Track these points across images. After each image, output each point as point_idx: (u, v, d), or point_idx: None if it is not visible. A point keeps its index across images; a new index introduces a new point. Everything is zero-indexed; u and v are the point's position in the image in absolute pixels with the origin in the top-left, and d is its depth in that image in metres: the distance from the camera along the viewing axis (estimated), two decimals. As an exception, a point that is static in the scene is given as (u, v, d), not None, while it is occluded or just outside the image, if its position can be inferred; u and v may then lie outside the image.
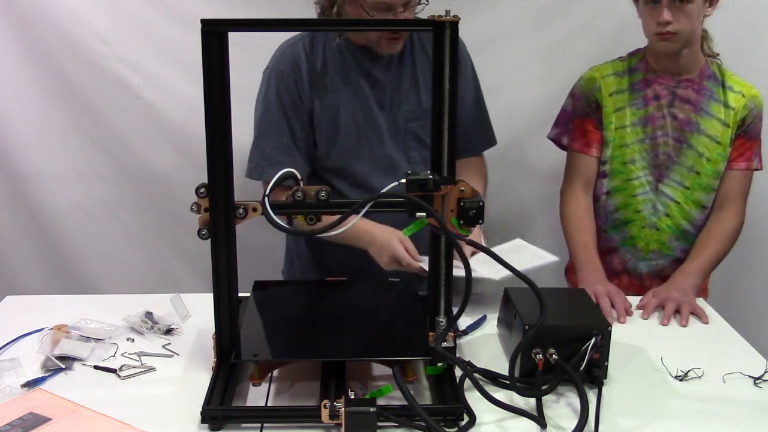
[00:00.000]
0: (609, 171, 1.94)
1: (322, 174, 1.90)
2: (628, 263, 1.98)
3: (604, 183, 1.95)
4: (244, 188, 1.34)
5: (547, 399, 1.28)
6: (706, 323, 1.65)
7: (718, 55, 1.94)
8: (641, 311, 1.69)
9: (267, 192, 1.24)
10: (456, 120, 1.28)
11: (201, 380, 1.33)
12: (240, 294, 1.38)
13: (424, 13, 1.68)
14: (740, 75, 1.94)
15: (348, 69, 1.82)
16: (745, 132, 1.91)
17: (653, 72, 1.90)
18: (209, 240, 1.30)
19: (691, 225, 1.95)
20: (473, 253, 1.70)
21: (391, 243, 1.69)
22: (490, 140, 2.02)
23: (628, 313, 1.66)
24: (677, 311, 1.67)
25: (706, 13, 1.81)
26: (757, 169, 1.94)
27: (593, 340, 1.31)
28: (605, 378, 1.34)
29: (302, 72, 1.80)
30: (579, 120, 1.96)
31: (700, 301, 1.74)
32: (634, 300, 1.73)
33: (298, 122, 1.82)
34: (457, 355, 1.36)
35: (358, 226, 1.75)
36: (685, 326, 1.63)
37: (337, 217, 1.24)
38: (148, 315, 1.57)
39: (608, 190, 1.95)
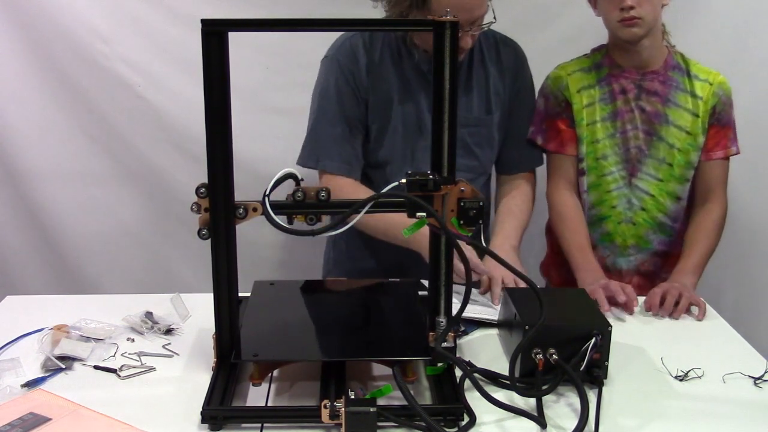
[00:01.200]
0: (586, 168, 1.95)
1: (365, 167, 1.91)
2: (606, 260, 1.98)
3: (583, 181, 1.96)
4: (244, 188, 1.34)
5: (547, 399, 1.28)
6: (701, 320, 1.65)
7: (674, 47, 1.95)
8: (642, 312, 1.69)
9: (267, 192, 1.24)
10: (456, 120, 1.28)
11: (201, 380, 1.33)
12: (240, 294, 1.38)
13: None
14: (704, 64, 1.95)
15: (404, 67, 1.84)
16: (717, 120, 1.92)
17: (618, 67, 1.92)
18: (209, 240, 1.30)
19: (666, 217, 1.95)
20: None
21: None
22: (540, 158, 2.02)
23: (634, 303, 1.66)
24: (677, 304, 1.67)
25: (664, 2, 1.83)
26: (735, 154, 1.95)
27: (593, 340, 1.31)
28: (605, 378, 1.34)
29: (360, 64, 1.83)
30: (551, 120, 1.97)
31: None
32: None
33: (355, 113, 1.84)
34: (457, 355, 1.36)
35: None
36: (677, 318, 1.65)
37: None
38: (148, 315, 1.57)
39: (586, 187, 1.97)
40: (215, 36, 1.23)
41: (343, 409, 1.15)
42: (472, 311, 1.58)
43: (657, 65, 1.91)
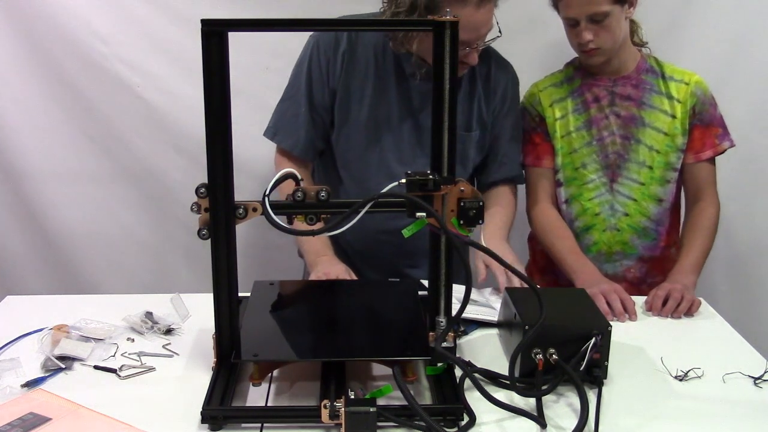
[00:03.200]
0: (563, 179, 1.96)
1: (335, 159, 1.92)
2: None
3: (561, 192, 1.98)
4: (244, 188, 1.34)
5: (547, 399, 1.28)
6: (692, 315, 1.66)
7: (647, 43, 1.97)
8: (642, 311, 1.69)
9: (267, 192, 1.24)
10: (455, 120, 1.28)
11: (201, 380, 1.33)
12: (240, 294, 1.38)
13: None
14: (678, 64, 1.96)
15: (388, 68, 1.83)
16: (700, 120, 1.92)
17: (590, 76, 1.94)
18: (209, 240, 1.30)
19: (649, 221, 1.96)
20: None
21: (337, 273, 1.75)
22: (522, 177, 2.02)
23: (633, 318, 1.65)
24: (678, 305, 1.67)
25: (628, 14, 1.83)
26: (729, 148, 1.94)
27: (593, 340, 1.31)
28: (605, 378, 1.34)
29: (339, 51, 1.82)
30: (528, 135, 1.98)
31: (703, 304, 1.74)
32: (637, 300, 1.72)
33: (320, 98, 1.85)
34: (457, 355, 1.36)
35: (308, 248, 1.86)
36: (679, 317, 1.65)
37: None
38: (148, 315, 1.57)
39: (566, 198, 1.97)
40: (215, 36, 1.23)
41: (343, 409, 1.15)
42: (472, 311, 1.58)
43: (629, 70, 1.92)
